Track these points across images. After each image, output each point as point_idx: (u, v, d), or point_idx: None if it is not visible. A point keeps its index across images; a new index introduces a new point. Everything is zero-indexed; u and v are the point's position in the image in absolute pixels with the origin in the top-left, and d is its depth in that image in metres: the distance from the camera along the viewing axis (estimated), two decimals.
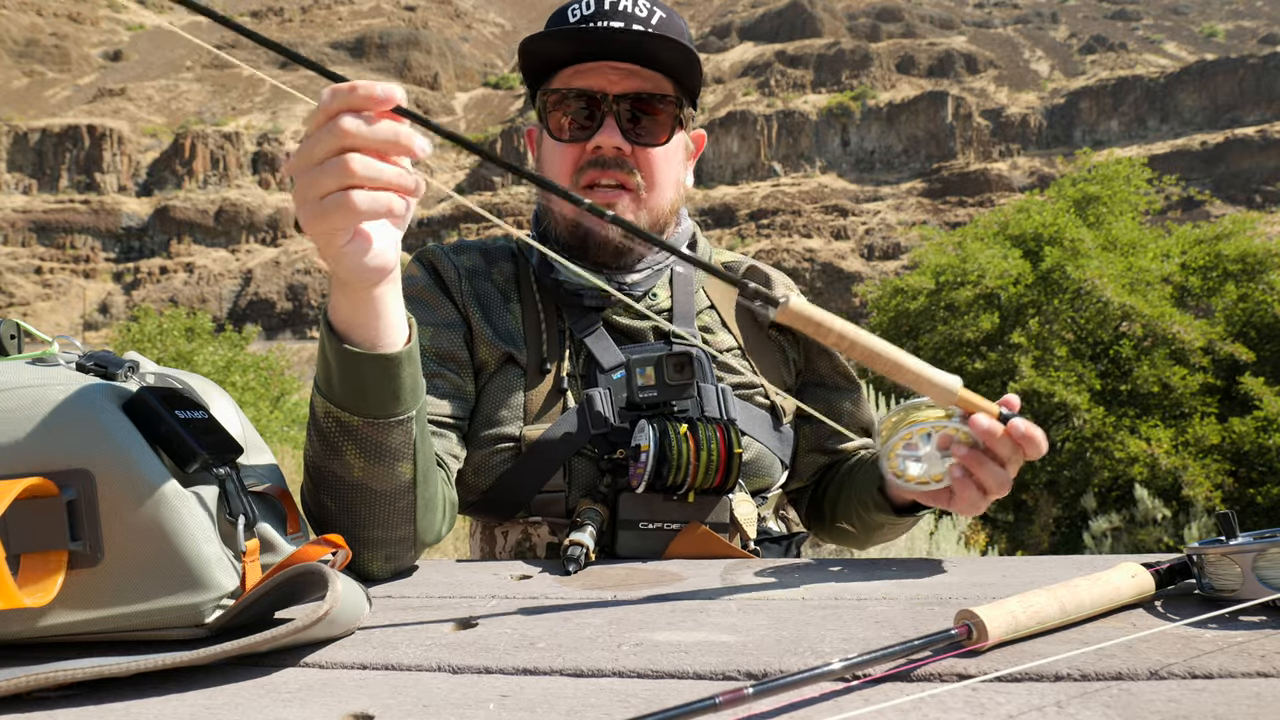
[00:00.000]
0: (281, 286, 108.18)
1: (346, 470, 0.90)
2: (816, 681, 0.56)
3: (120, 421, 0.68)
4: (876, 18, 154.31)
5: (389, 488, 0.92)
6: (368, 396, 0.87)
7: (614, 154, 1.20)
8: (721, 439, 1.08)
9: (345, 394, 0.87)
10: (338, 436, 0.89)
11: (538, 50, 1.23)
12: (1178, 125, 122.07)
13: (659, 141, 1.23)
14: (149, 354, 15.77)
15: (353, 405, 0.87)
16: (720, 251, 1.46)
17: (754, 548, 1.15)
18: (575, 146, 1.22)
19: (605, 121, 1.19)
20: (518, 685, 0.62)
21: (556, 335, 1.26)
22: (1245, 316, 12.09)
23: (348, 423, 0.88)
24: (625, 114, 1.20)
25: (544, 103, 1.24)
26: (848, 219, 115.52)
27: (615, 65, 1.21)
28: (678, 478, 1.06)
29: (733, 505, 1.13)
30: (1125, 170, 14.46)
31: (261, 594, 0.69)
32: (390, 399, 0.88)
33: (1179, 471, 10.61)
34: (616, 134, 1.19)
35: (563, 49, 1.22)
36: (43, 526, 0.64)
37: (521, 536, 1.21)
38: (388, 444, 0.90)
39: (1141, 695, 0.56)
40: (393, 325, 0.87)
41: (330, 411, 0.88)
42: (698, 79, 1.25)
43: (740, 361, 1.31)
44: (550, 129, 1.24)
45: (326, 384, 0.88)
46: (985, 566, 0.97)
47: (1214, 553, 0.73)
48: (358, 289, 0.82)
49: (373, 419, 0.88)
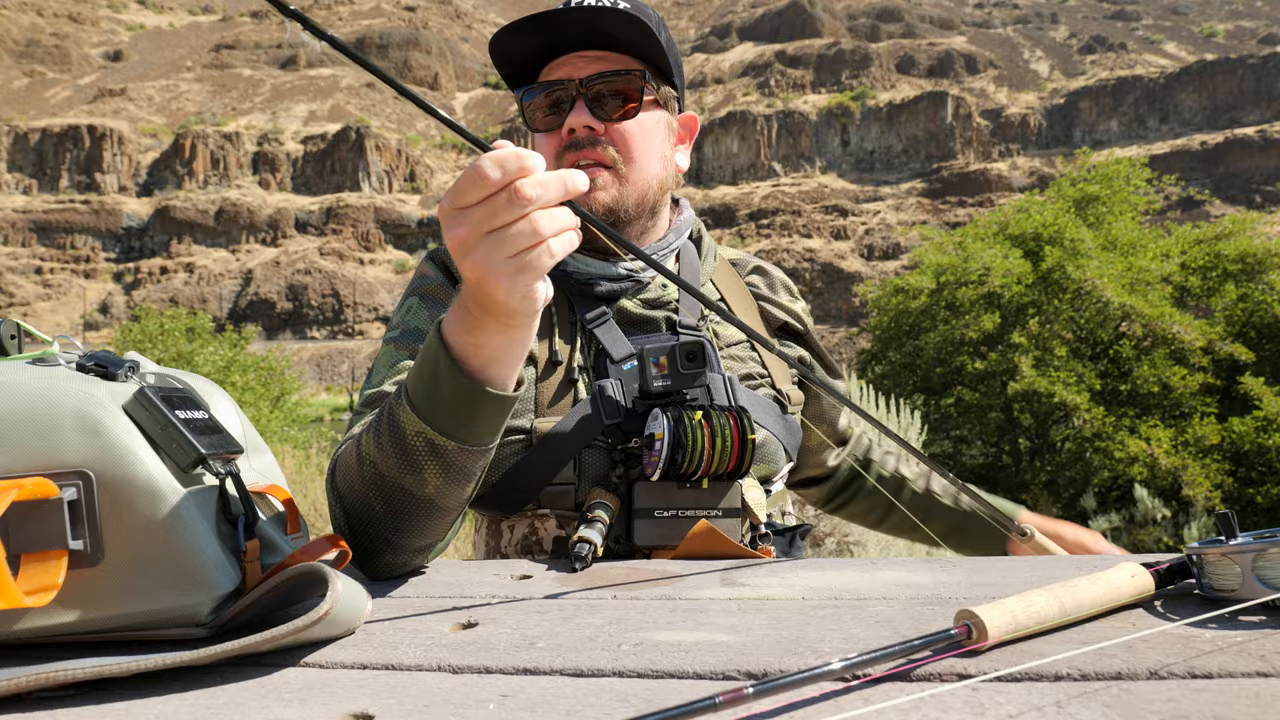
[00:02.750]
0: (281, 286, 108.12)
1: (421, 486, 0.91)
2: (816, 681, 0.56)
3: (120, 421, 0.68)
4: (876, 18, 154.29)
5: (453, 504, 0.94)
6: (475, 428, 0.87)
7: (586, 133, 1.23)
8: (735, 425, 1.10)
9: (450, 421, 0.87)
10: (424, 456, 0.89)
11: (505, 52, 1.25)
12: (1178, 125, 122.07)
13: (628, 114, 1.24)
14: (149, 354, 15.77)
15: (454, 432, 0.87)
16: (725, 249, 1.48)
17: (764, 530, 1.16)
18: (554, 135, 1.24)
19: (575, 104, 1.22)
20: (518, 685, 0.62)
21: (567, 327, 1.27)
22: (1245, 316, 12.09)
23: (441, 446, 0.88)
24: (593, 95, 1.23)
25: (521, 104, 1.28)
26: (848, 219, 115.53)
27: (582, 54, 1.24)
28: (692, 465, 1.08)
29: (743, 491, 1.16)
30: (1125, 170, 14.45)
31: (261, 594, 0.69)
32: (492, 433, 0.89)
33: (1179, 471, 10.60)
34: (585, 113, 1.22)
35: (528, 44, 1.24)
36: (43, 526, 0.64)
37: (528, 530, 1.21)
38: (472, 469, 0.91)
39: (1141, 695, 0.57)
40: (520, 366, 0.88)
41: (424, 432, 0.88)
42: (663, 56, 1.26)
43: (747, 352, 1.34)
44: (531, 124, 1.28)
45: (430, 408, 0.87)
46: (985, 566, 0.97)
47: (1214, 553, 0.73)
48: (519, 324, 0.83)
49: (470, 447, 0.88)
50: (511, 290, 0.77)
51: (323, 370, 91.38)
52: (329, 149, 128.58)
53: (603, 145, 1.23)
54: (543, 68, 1.28)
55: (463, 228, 0.75)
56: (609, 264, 1.29)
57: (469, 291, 0.81)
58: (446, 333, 0.86)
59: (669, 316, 1.30)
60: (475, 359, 0.85)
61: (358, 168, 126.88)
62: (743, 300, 1.39)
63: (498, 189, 0.73)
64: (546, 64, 1.27)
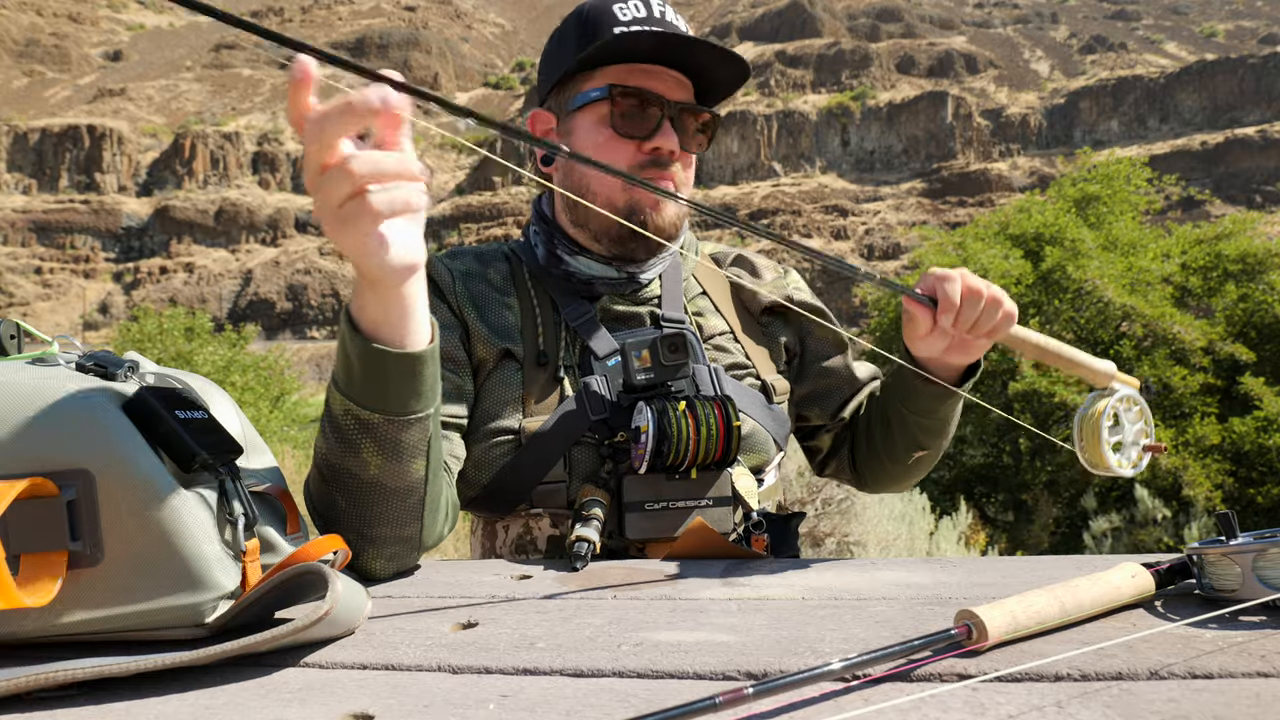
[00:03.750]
0: (281, 286, 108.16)
1: (363, 468, 0.91)
2: (816, 681, 0.56)
3: (120, 421, 0.68)
4: (876, 18, 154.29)
5: (402, 485, 0.93)
6: (390, 394, 0.87)
7: (668, 156, 1.28)
8: (719, 414, 1.11)
9: (367, 392, 0.87)
10: (356, 434, 0.89)
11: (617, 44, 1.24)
12: (1178, 125, 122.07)
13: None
14: (149, 354, 15.75)
15: (374, 403, 0.87)
16: (706, 244, 1.50)
17: (756, 518, 1.16)
18: (632, 142, 1.26)
19: (664, 125, 1.26)
20: (518, 685, 0.62)
21: (553, 327, 1.29)
22: (1245, 316, 12.09)
23: (368, 420, 0.88)
24: (679, 120, 1.28)
25: (611, 96, 1.26)
26: (848, 219, 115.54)
27: (669, 72, 1.28)
28: (679, 455, 1.09)
29: (733, 479, 1.16)
30: (1126, 170, 14.46)
31: (261, 594, 0.69)
32: (412, 396, 0.88)
33: (1179, 471, 10.60)
34: (674, 138, 1.26)
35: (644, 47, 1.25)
36: (43, 526, 0.64)
37: (522, 530, 1.22)
38: (406, 441, 0.90)
39: (1141, 695, 0.56)
40: (420, 323, 0.87)
41: (350, 409, 0.88)
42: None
43: (732, 344, 1.35)
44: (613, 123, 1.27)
45: (347, 382, 0.88)
46: (985, 566, 0.97)
47: (1214, 553, 0.73)
48: (388, 287, 0.82)
49: (394, 416, 0.88)
50: (350, 245, 0.77)
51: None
52: None
53: (675, 167, 1.29)
54: (610, 62, 1.27)
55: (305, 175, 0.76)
56: (611, 267, 1.30)
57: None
58: (349, 305, 0.87)
59: (653, 311, 1.32)
60: (364, 322, 0.85)
61: None
62: (722, 294, 1.41)
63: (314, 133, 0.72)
64: (621, 62, 1.27)
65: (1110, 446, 0.97)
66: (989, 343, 1.10)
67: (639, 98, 1.25)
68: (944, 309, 1.05)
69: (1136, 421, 1.01)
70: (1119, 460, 0.98)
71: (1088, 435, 0.98)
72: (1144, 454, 1.01)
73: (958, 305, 1.05)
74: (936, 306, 1.06)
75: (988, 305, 1.06)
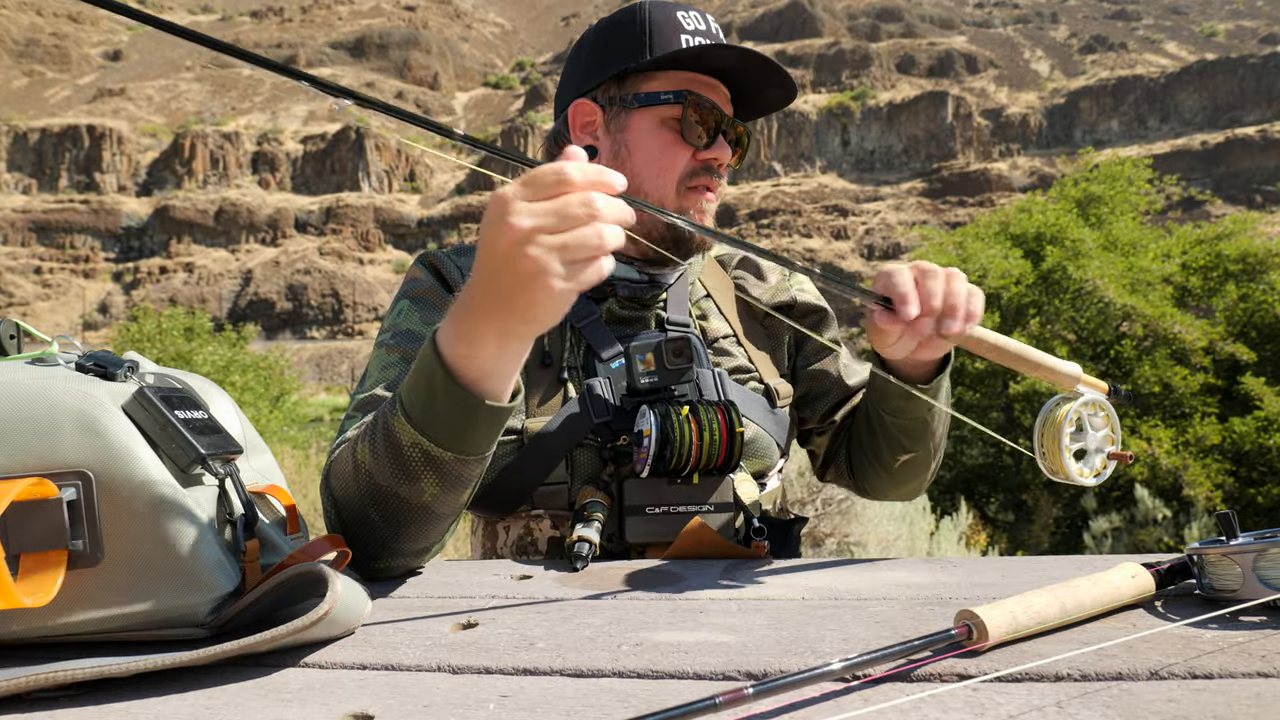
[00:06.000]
0: (281, 286, 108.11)
1: (417, 495, 0.91)
2: (816, 681, 0.56)
3: (120, 421, 0.68)
4: (876, 18, 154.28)
5: (449, 510, 0.94)
6: (471, 439, 0.87)
7: (720, 167, 1.31)
8: (722, 419, 1.11)
9: (447, 433, 0.86)
10: (420, 466, 0.89)
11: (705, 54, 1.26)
12: (1178, 125, 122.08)
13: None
14: (149, 354, 15.76)
15: (450, 443, 0.87)
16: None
17: (757, 525, 1.15)
18: (689, 149, 1.28)
19: (720, 138, 1.29)
20: (518, 685, 0.62)
21: (557, 328, 1.28)
22: (1246, 316, 12.09)
23: (437, 456, 0.88)
24: (729, 134, 1.31)
25: (686, 102, 1.27)
26: (848, 219, 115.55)
27: (722, 87, 1.30)
28: (681, 460, 1.09)
29: (735, 485, 1.16)
30: (1128, 170, 14.46)
31: (261, 594, 0.69)
32: (488, 442, 0.89)
33: (1179, 471, 10.60)
34: (729, 151, 1.30)
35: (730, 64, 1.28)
36: (43, 526, 0.64)
37: (523, 531, 1.22)
38: (468, 475, 0.91)
39: (1141, 695, 0.56)
40: (516, 377, 0.88)
41: (419, 443, 0.87)
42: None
43: (736, 347, 1.35)
44: (683, 129, 1.28)
45: (425, 420, 0.87)
46: (985, 566, 0.97)
47: (1214, 553, 0.73)
48: (526, 337, 0.82)
49: (466, 457, 0.88)
50: (558, 297, 0.76)
51: (322, 370, 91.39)
52: (328, 149, 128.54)
53: (720, 179, 1.32)
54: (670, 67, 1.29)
55: (529, 219, 0.74)
56: (632, 268, 1.31)
57: (494, 285, 0.78)
58: (441, 344, 0.84)
59: (658, 314, 1.32)
60: (469, 371, 0.84)
61: (357, 168, 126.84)
62: (726, 297, 1.41)
63: (575, 190, 0.74)
64: (679, 69, 1.28)
65: (1071, 454, 0.94)
66: (961, 332, 1.00)
67: (710, 109, 1.27)
68: (901, 301, 0.97)
69: (1102, 428, 0.97)
70: (1080, 469, 0.94)
71: (1048, 441, 0.94)
72: (1108, 462, 0.97)
73: (912, 290, 0.97)
74: (893, 307, 0.98)
75: (947, 278, 0.99)
